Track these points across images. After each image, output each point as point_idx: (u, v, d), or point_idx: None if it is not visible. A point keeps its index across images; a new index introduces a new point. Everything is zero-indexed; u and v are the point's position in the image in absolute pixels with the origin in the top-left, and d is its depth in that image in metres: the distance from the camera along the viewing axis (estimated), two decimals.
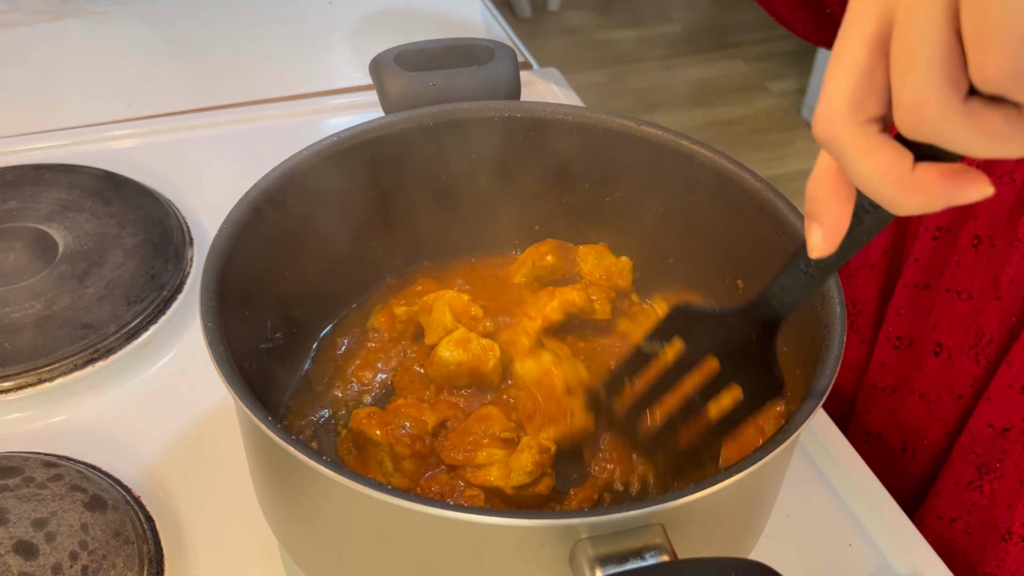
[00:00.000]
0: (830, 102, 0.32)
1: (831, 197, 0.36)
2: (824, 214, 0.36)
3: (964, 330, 0.68)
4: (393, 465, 0.55)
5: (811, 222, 0.37)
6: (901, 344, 0.72)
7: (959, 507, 0.69)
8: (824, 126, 0.33)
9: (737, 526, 0.51)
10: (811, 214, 0.37)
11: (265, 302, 0.61)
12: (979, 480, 0.68)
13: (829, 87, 0.33)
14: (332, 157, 0.61)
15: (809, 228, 0.37)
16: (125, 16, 1.20)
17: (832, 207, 0.36)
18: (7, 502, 0.58)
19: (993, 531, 0.68)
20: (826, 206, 0.36)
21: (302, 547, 0.52)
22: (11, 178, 0.87)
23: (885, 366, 0.74)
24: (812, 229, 0.37)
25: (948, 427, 0.70)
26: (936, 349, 0.69)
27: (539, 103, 0.66)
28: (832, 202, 0.36)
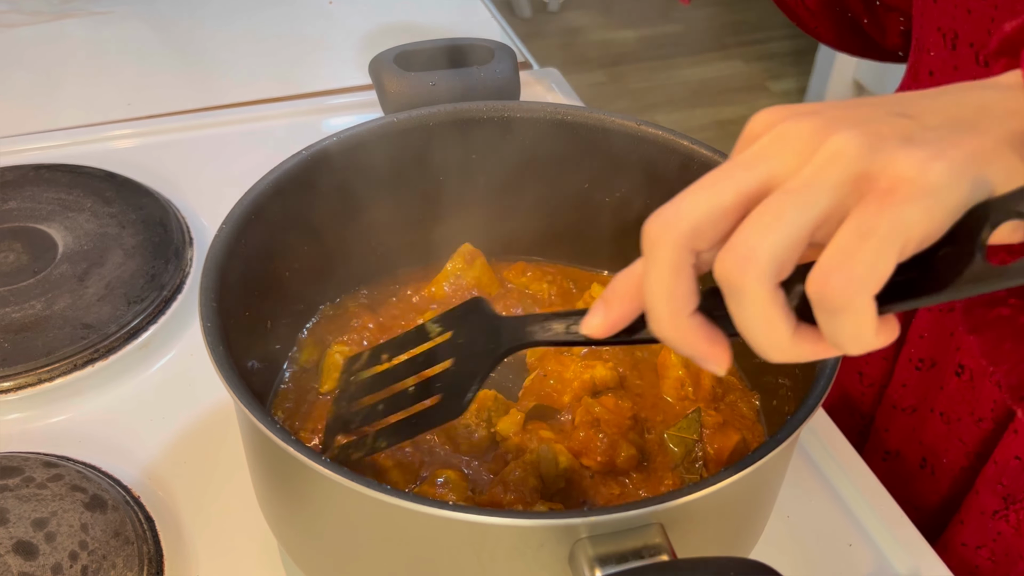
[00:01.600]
0: (759, 257, 0.32)
1: (630, 300, 0.37)
2: (616, 309, 0.38)
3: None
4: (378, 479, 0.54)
5: (600, 305, 0.38)
6: (923, 366, 0.72)
7: (984, 535, 0.69)
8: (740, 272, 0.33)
9: (737, 526, 0.51)
10: (605, 300, 0.38)
11: (265, 302, 0.61)
12: (1005, 510, 0.67)
13: (765, 241, 0.32)
14: (332, 157, 0.61)
15: (595, 309, 0.38)
16: (125, 16, 1.20)
17: (627, 308, 0.37)
18: (7, 502, 0.58)
19: (1019, 560, 0.67)
20: (623, 305, 0.37)
21: (302, 547, 0.52)
22: (11, 178, 0.87)
23: (906, 387, 0.74)
24: (597, 311, 0.38)
25: (967, 448, 0.70)
26: (958, 370, 0.68)
27: (539, 103, 0.66)
28: (629, 305, 0.37)
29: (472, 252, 0.69)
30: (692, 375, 0.62)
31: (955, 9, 0.62)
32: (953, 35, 0.63)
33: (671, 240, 0.34)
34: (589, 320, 0.38)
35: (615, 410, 0.59)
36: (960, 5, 0.61)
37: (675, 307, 0.34)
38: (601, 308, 0.38)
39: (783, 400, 0.59)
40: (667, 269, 0.34)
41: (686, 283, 0.34)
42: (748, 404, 0.62)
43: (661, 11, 3.34)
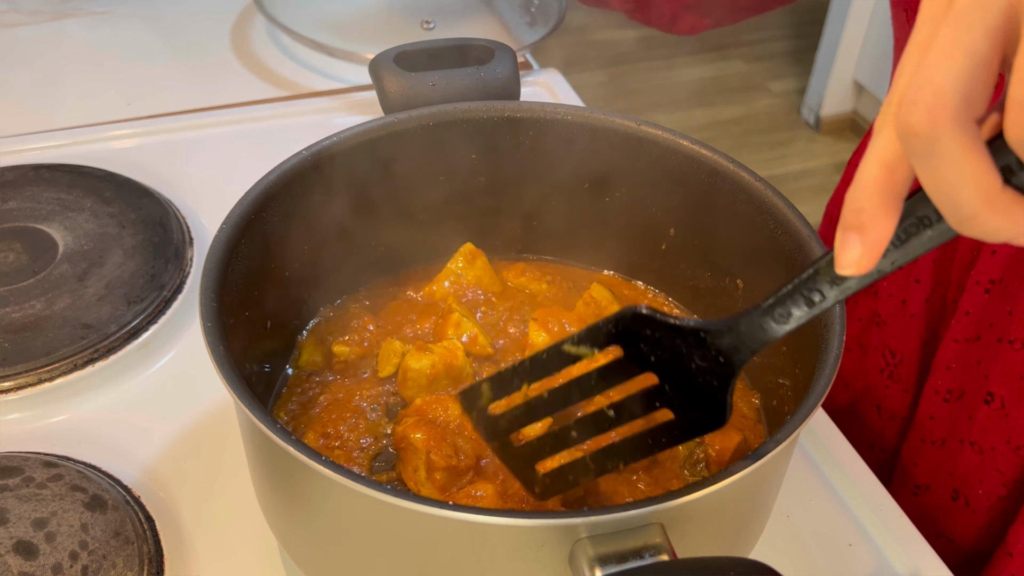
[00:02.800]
0: (939, 90, 0.28)
1: (882, 208, 0.32)
2: (871, 227, 0.32)
3: (1019, 379, 0.66)
4: (426, 474, 0.54)
5: (850, 234, 0.32)
6: (951, 397, 0.70)
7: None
8: (926, 116, 0.28)
9: (737, 526, 0.51)
10: (853, 226, 0.32)
11: (265, 302, 0.61)
12: None
13: (939, 72, 0.28)
14: (332, 158, 0.61)
15: (846, 241, 0.32)
16: (125, 16, 1.20)
17: (881, 220, 0.32)
18: (7, 502, 0.58)
19: None
20: (875, 218, 0.32)
21: (302, 547, 0.52)
22: (11, 178, 0.87)
23: (934, 419, 0.72)
24: (850, 243, 0.32)
25: (1006, 478, 0.68)
26: (987, 398, 0.67)
27: (539, 103, 0.66)
28: (882, 214, 0.32)
29: (473, 252, 0.69)
30: None
31: None
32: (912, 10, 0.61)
33: (947, 124, 0.28)
34: (845, 258, 0.33)
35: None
36: None
37: (987, 190, 0.29)
38: (853, 237, 0.32)
39: (783, 400, 0.59)
40: (959, 157, 0.29)
41: (986, 162, 0.29)
42: (748, 404, 0.62)
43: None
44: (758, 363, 0.64)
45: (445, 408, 0.58)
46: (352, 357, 0.63)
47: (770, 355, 0.60)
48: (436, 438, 0.55)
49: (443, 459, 0.54)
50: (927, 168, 0.29)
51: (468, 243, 0.69)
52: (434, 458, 0.54)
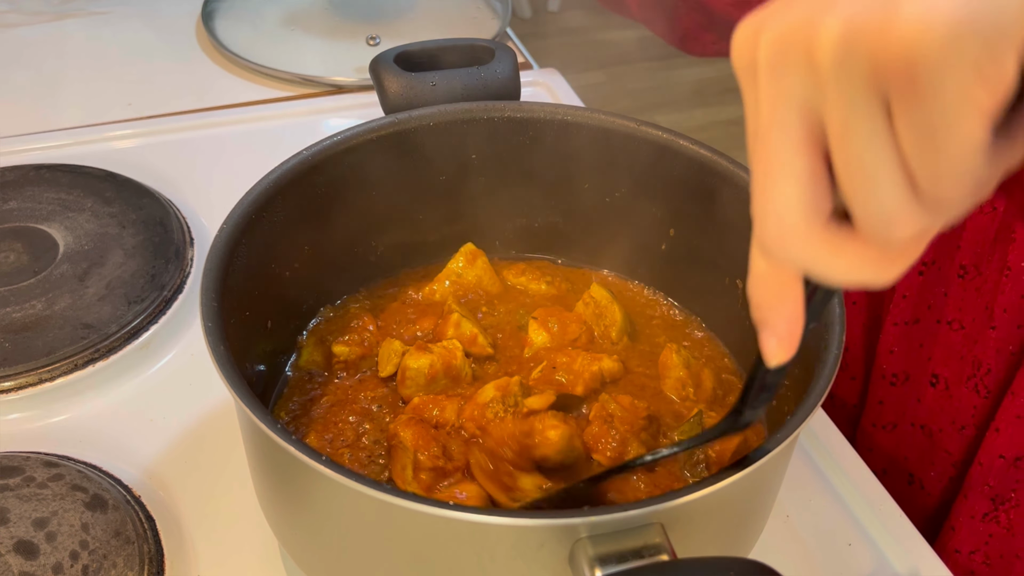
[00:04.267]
0: (783, 217, 0.30)
1: (780, 301, 0.33)
2: (778, 320, 0.34)
3: (960, 360, 0.68)
4: (412, 473, 0.55)
5: (765, 331, 0.34)
6: (897, 380, 0.72)
7: (976, 539, 0.68)
8: (782, 242, 0.30)
9: (737, 525, 0.51)
10: (763, 322, 0.34)
11: (265, 302, 0.61)
12: (995, 511, 0.67)
13: (776, 202, 0.30)
14: (332, 158, 0.61)
15: (764, 338, 0.34)
16: (125, 16, 1.20)
17: (785, 311, 0.34)
18: (8, 502, 0.59)
19: (1015, 560, 0.67)
20: (778, 311, 0.34)
21: (302, 547, 0.52)
22: (11, 178, 0.87)
23: (883, 403, 0.73)
24: (767, 338, 0.34)
25: (954, 458, 0.70)
26: (932, 380, 0.68)
27: (539, 103, 0.66)
28: (783, 305, 0.33)
29: (474, 252, 0.69)
30: (693, 376, 0.62)
31: None
32: None
33: (806, 241, 0.30)
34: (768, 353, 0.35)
35: (630, 408, 0.59)
36: None
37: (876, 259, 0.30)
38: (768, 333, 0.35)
39: (783, 400, 0.59)
40: (834, 256, 0.30)
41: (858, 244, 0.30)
42: None
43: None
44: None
45: (442, 408, 0.58)
46: (352, 357, 0.63)
47: None
48: (425, 438, 0.55)
49: (430, 459, 0.54)
50: (811, 269, 0.31)
51: (469, 243, 0.70)
52: (421, 457, 0.54)
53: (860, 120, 0.27)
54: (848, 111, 0.27)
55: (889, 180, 0.27)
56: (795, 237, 0.30)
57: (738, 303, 0.64)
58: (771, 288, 0.33)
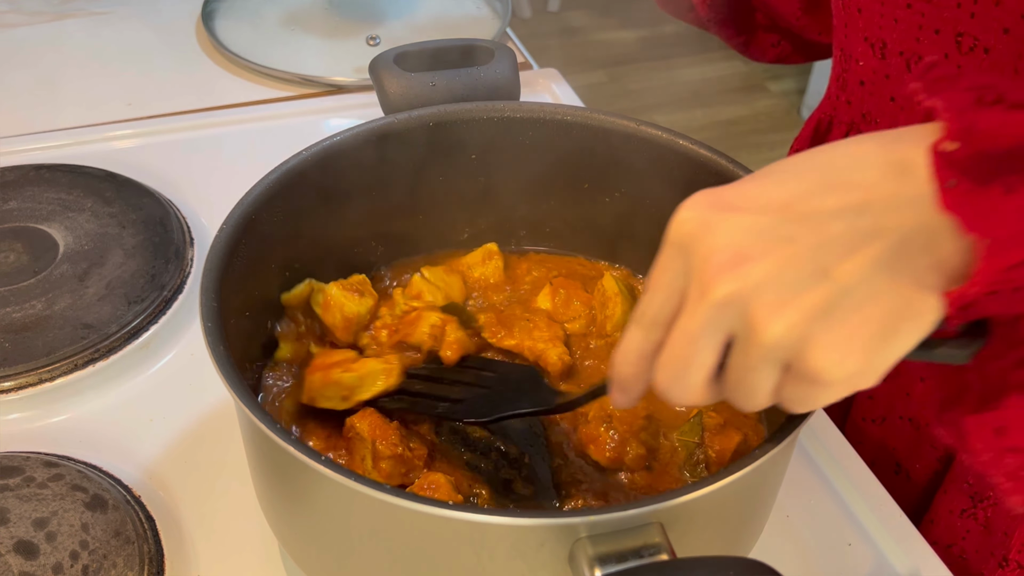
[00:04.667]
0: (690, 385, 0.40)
1: (640, 382, 0.42)
2: (633, 391, 0.43)
3: None
4: (372, 463, 0.55)
5: (616, 393, 0.43)
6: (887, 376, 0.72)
7: (954, 534, 0.69)
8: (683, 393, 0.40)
9: (736, 525, 0.51)
10: (619, 387, 0.43)
11: (265, 301, 0.61)
12: (973, 508, 0.67)
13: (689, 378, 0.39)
14: (332, 157, 0.61)
15: (615, 397, 0.43)
16: (125, 16, 1.20)
17: (640, 387, 0.42)
18: (8, 502, 0.59)
19: (989, 558, 0.67)
20: (636, 387, 0.42)
21: (302, 546, 0.52)
22: (11, 178, 0.87)
23: (873, 398, 0.73)
24: (619, 397, 0.43)
25: (938, 453, 0.70)
26: (922, 377, 0.69)
27: (539, 103, 0.66)
28: (641, 385, 0.42)
29: (491, 252, 0.70)
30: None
31: (881, 19, 0.62)
32: (882, 44, 0.63)
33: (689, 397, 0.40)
34: (616, 400, 0.44)
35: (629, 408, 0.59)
36: (887, 15, 0.61)
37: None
38: (621, 391, 0.43)
39: None
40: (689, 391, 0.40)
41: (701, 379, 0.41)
42: None
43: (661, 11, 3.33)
44: None
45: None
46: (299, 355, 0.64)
47: None
48: (382, 427, 0.55)
49: (388, 448, 0.55)
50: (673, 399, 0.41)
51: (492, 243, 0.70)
52: (380, 447, 0.54)
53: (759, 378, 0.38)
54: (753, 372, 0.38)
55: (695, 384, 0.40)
56: (691, 394, 0.40)
57: None
58: (636, 371, 0.41)
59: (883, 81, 0.65)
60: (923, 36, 0.59)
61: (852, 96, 0.69)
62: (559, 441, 0.59)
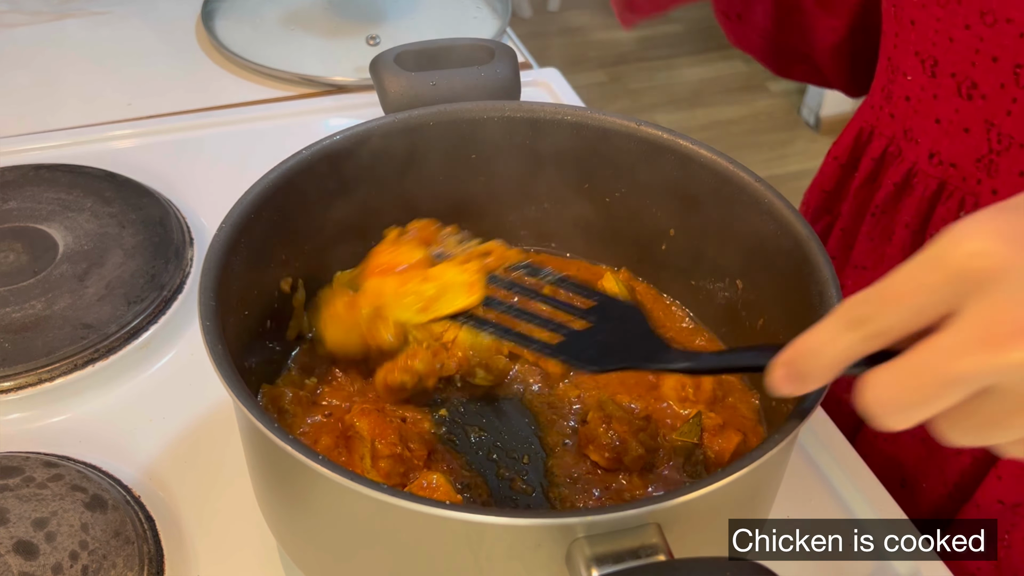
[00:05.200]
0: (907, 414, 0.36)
1: (822, 380, 0.38)
2: (807, 387, 0.38)
3: None
4: (371, 462, 0.55)
5: (788, 383, 0.39)
6: None
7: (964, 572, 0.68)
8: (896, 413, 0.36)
9: None
10: (794, 378, 0.38)
11: (264, 301, 0.61)
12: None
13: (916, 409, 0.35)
14: (332, 157, 0.61)
15: (783, 383, 0.39)
16: (125, 16, 1.20)
17: (814, 385, 0.38)
18: (7, 502, 0.59)
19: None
20: (813, 384, 0.38)
21: (301, 546, 0.52)
22: (11, 178, 0.87)
23: None
24: (784, 386, 0.39)
25: (945, 477, 0.69)
26: None
27: (539, 103, 0.66)
28: (816, 383, 0.38)
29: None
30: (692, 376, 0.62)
31: (936, 36, 0.61)
32: (933, 62, 0.62)
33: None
34: (779, 387, 0.39)
35: (628, 409, 0.59)
36: (941, 32, 0.60)
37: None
38: (792, 381, 0.39)
39: (783, 400, 0.59)
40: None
41: None
42: (748, 405, 0.62)
43: None
44: None
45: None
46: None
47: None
48: (382, 426, 0.55)
49: (387, 447, 0.54)
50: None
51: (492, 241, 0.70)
52: (379, 446, 0.54)
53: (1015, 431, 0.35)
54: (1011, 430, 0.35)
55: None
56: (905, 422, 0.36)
57: (738, 303, 0.64)
58: (827, 372, 0.37)
59: (930, 100, 0.64)
60: (979, 61, 0.58)
61: (896, 110, 0.68)
62: (558, 441, 0.59)
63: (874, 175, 0.74)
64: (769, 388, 0.39)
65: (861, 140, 0.75)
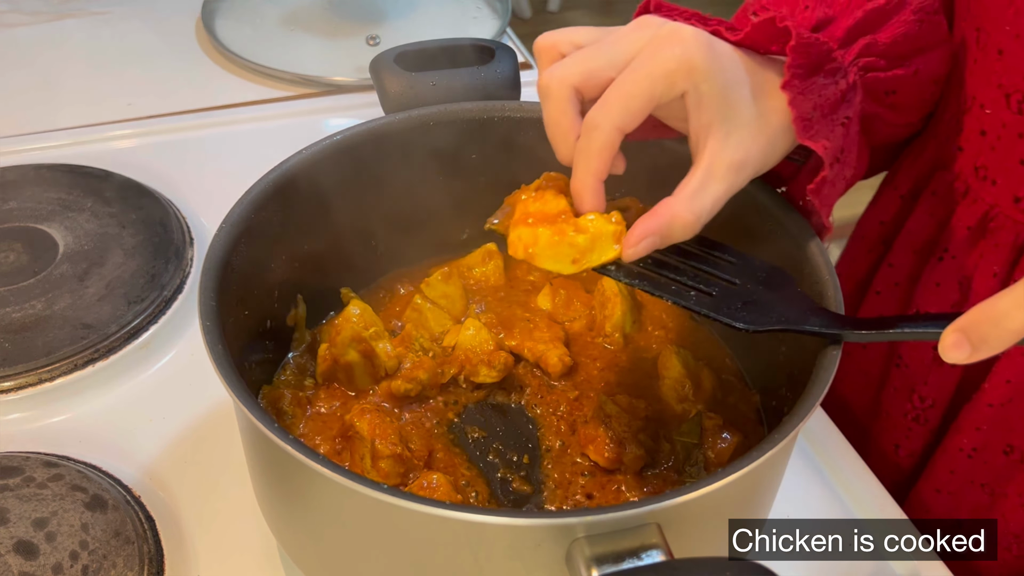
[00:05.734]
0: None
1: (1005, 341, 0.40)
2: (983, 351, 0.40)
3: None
4: (371, 462, 0.55)
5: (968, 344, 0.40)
6: (975, 455, 0.68)
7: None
8: None
9: None
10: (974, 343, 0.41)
11: (264, 302, 0.61)
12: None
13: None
14: (332, 157, 0.61)
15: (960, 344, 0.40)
16: (125, 16, 1.20)
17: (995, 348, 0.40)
18: (8, 502, 0.59)
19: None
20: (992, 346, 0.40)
21: (301, 546, 0.52)
22: (11, 178, 0.87)
23: (954, 473, 0.70)
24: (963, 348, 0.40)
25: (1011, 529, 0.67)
26: (1007, 449, 0.66)
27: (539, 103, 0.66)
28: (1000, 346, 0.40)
29: (492, 252, 0.70)
30: (692, 376, 0.62)
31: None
32: (1021, 97, 0.56)
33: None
34: (952, 354, 0.41)
35: (628, 409, 0.59)
36: None
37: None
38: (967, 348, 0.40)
39: (783, 400, 0.59)
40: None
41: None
42: (748, 405, 0.62)
43: None
44: (758, 363, 0.64)
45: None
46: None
47: (770, 355, 0.60)
48: (382, 426, 0.55)
49: (388, 447, 0.55)
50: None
51: (491, 244, 0.70)
52: (379, 446, 0.54)
53: None
54: None
55: None
56: None
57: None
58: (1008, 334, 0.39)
59: (1013, 139, 0.58)
60: None
61: (967, 143, 0.62)
62: (558, 441, 0.59)
63: (933, 212, 0.68)
64: (942, 353, 0.40)
65: (924, 172, 0.69)
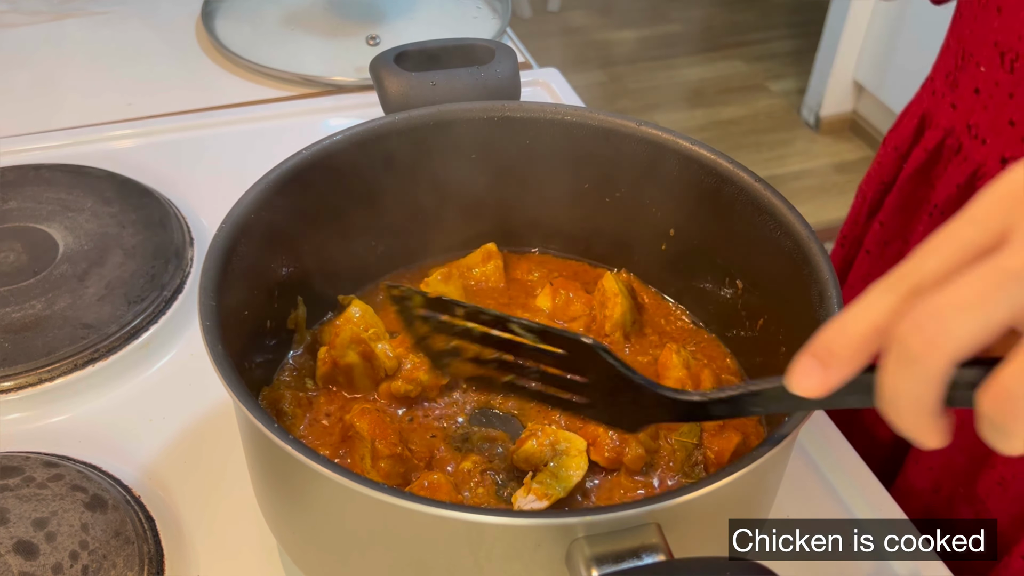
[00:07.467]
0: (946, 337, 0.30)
1: (849, 359, 0.33)
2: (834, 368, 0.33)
3: None
4: (371, 462, 0.55)
5: (814, 365, 0.34)
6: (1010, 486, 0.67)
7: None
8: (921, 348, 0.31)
9: None
10: (820, 358, 0.34)
11: (264, 302, 0.61)
12: None
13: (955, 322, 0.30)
14: (332, 157, 0.61)
15: (808, 368, 0.34)
16: (125, 16, 1.20)
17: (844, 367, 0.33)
18: (7, 502, 0.59)
19: None
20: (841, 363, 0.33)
21: (301, 546, 0.52)
22: (11, 178, 0.87)
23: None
24: (811, 371, 0.34)
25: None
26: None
27: (539, 103, 0.66)
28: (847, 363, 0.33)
29: (491, 252, 0.70)
30: (693, 376, 0.62)
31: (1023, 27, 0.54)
32: (1014, 56, 0.56)
33: (935, 365, 0.31)
34: (801, 381, 0.34)
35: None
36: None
37: (926, 411, 0.32)
38: (817, 368, 0.34)
39: None
40: (925, 385, 0.31)
41: (940, 392, 0.31)
42: None
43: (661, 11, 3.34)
44: (758, 363, 0.64)
45: None
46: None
47: (770, 356, 0.60)
48: (382, 426, 0.55)
49: (388, 447, 0.55)
50: (891, 370, 0.32)
51: (491, 243, 0.70)
52: (379, 446, 0.55)
53: None
54: None
55: None
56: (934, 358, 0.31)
57: (738, 304, 0.64)
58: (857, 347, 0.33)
59: (1005, 98, 0.57)
60: None
61: (960, 101, 0.62)
62: None
63: (926, 169, 0.67)
64: (790, 386, 0.35)
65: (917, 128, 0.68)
